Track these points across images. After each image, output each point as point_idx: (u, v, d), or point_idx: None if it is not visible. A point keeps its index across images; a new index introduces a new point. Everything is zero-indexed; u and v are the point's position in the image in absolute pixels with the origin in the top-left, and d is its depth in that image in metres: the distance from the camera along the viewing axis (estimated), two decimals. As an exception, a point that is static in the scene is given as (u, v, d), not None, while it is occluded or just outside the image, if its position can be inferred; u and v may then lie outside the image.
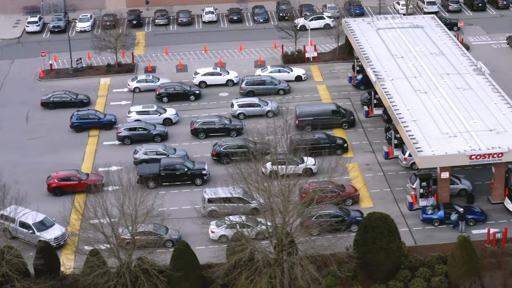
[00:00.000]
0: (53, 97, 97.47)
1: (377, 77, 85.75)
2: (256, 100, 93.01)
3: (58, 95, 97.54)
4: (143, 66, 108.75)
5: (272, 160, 71.83)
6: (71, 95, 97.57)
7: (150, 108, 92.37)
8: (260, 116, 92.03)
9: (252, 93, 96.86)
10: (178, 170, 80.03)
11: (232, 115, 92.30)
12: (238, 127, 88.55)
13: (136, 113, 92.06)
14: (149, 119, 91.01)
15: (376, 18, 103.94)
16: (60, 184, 79.72)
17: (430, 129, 74.72)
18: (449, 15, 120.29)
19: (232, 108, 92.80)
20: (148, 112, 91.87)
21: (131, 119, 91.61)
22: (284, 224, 60.19)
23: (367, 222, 63.67)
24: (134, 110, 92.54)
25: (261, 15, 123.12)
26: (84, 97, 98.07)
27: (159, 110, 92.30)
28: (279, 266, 59.32)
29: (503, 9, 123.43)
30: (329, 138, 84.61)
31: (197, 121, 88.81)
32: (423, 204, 73.82)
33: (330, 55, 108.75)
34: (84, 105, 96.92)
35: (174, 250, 63.12)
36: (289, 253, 59.65)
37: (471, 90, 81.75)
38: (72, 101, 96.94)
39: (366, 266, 63.93)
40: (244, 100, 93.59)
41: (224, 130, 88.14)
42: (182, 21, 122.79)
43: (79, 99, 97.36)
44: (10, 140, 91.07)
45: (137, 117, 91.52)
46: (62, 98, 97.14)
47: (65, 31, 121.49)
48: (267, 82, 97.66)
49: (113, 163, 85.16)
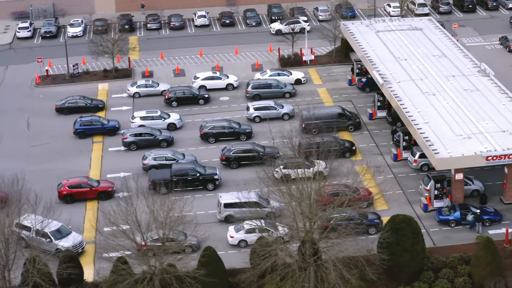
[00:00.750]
0: (68, 102, 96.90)
1: (383, 79, 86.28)
2: (272, 103, 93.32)
3: (73, 101, 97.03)
4: (140, 71, 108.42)
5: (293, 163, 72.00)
6: (86, 100, 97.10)
7: (154, 113, 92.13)
8: (276, 119, 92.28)
9: (258, 96, 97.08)
10: (189, 175, 79.91)
11: (248, 118, 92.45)
12: (247, 131, 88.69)
13: (140, 118, 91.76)
14: (153, 124, 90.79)
15: (374, 20, 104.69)
16: (71, 192, 79.23)
17: (443, 131, 75.43)
18: (439, 16, 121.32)
19: (248, 111, 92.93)
20: (152, 117, 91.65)
21: (135, 125, 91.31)
22: (312, 228, 60.39)
23: (391, 224, 64.10)
24: (138, 115, 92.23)
25: (253, 18, 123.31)
26: (99, 102, 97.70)
27: (163, 115, 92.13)
28: (310, 270, 59.48)
29: (492, 10, 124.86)
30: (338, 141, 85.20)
31: (207, 125, 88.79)
32: (438, 206, 74.43)
33: (326, 58, 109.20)
34: (99, 110, 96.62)
35: (202, 256, 62.96)
36: (319, 257, 59.88)
37: (478, 92, 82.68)
38: (87, 106, 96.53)
39: (390, 268, 64.26)
40: (260, 103, 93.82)
41: (234, 134, 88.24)
42: (174, 25, 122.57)
43: (94, 104, 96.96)
44: (13, 148, 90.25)
45: (141, 123, 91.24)
46: (77, 103, 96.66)
47: (56, 36, 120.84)
48: (273, 86, 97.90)
49: (121, 169, 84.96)
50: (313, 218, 60.45)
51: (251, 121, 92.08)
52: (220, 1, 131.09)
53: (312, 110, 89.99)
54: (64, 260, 64.16)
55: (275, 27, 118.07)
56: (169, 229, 61.23)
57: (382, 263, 61.60)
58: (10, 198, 74.91)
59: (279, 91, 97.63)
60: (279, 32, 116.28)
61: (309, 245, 60.21)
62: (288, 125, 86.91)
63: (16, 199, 64.14)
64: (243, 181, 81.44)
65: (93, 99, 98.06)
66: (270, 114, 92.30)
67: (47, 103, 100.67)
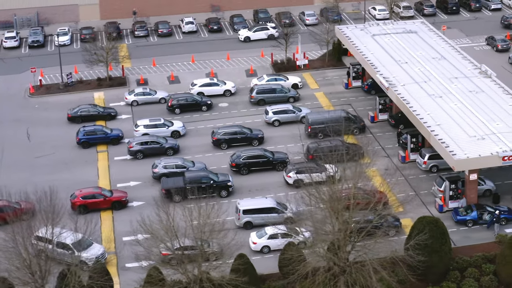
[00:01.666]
0: (80, 111, 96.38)
1: (388, 83, 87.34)
2: (290, 107, 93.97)
3: (85, 109, 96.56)
4: (135, 79, 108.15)
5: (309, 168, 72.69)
6: (98, 109, 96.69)
7: (158, 121, 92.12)
8: (294, 122, 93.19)
9: (263, 101, 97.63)
10: (203, 183, 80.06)
11: (267, 122, 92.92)
12: (259, 136, 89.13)
13: (143, 126, 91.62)
14: (157, 132, 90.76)
15: (368, 24, 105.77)
16: (85, 202, 78.86)
17: (456, 132, 76.65)
18: (424, 19, 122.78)
19: (266, 115, 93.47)
20: (156, 125, 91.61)
21: (139, 133, 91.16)
22: (347, 232, 61.13)
23: (419, 225, 65.00)
24: (142, 123, 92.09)
25: (241, 24, 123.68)
26: (112, 110, 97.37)
27: (167, 123, 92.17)
28: (348, 273, 60.20)
29: (475, 11, 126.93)
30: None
31: (219, 131, 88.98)
32: (453, 206, 75.60)
33: (319, 62, 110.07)
34: (112, 118, 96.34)
35: (238, 263, 63.10)
36: (357, 261, 60.67)
37: (483, 93, 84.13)
38: (100, 114, 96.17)
39: (418, 269, 65.06)
40: (279, 107, 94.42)
41: (246, 140, 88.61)
42: (162, 32, 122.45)
43: (106, 112, 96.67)
44: (17, 159, 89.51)
45: (145, 131, 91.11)
46: (90, 112, 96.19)
47: (44, 45, 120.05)
48: (277, 90, 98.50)
49: (129, 178, 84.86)
50: (350, 221, 61.11)
51: (270, 125, 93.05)
52: (204, 7, 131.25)
53: (315, 114, 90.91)
54: (95, 271, 63.92)
55: (243, 34, 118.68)
56: (207, 236, 61.40)
57: (418, 264, 62.42)
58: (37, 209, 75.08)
59: (283, 95, 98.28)
60: (247, 39, 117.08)
61: (346, 248, 60.84)
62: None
63: (47, 211, 63.61)
64: (254, 186, 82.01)
65: (105, 107, 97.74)
66: (289, 117, 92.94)
67: (44, 113, 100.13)
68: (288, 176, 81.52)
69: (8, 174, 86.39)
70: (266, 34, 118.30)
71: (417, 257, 61.96)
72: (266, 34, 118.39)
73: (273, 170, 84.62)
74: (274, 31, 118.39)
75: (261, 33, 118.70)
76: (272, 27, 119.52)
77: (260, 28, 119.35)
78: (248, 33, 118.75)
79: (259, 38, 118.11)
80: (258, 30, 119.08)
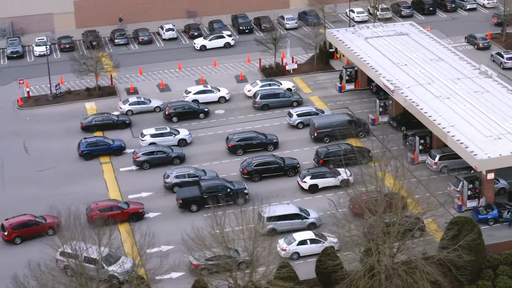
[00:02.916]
0: (95, 120, 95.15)
1: (393, 85, 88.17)
2: (314, 109, 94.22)
3: (99, 118, 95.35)
4: (124, 88, 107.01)
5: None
6: (112, 117, 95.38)
7: (164, 130, 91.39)
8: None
9: (267, 106, 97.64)
10: (220, 191, 79.73)
11: (291, 125, 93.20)
12: (274, 141, 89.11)
13: (150, 136, 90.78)
14: (164, 141, 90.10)
15: (358, 27, 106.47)
16: (102, 215, 77.65)
17: (471, 133, 77.83)
18: (402, 20, 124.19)
19: (291, 118, 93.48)
20: (162, 134, 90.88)
21: (146, 143, 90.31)
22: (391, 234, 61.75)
23: (455, 225, 65.81)
24: (148, 133, 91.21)
25: (222, 29, 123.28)
26: (126, 118, 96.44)
27: (173, 131, 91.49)
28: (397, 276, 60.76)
29: (451, 11, 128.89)
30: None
31: (234, 138, 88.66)
32: (472, 206, 76.74)
33: (308, 66, 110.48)
34: (126, 126, 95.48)
35: (284, 272, 63.09)
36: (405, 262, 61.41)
37: (488, 93, 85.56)
38: (115, 123, 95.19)
39: (453, 268, 65.78)
40: (302, 109, 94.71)
41: (262, 145, 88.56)
42: (143, 40, 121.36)
43: (121, 120, 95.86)
44: (19, 173, 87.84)
45: (151, 140, 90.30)
46: (104, 121, 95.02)
47: (23, 56, 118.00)
48: (281, 95, 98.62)
49: (140, 189, 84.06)
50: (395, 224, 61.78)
51: (294, 128, 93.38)
52: (180, 13, 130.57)
53: (321, 119, 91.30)
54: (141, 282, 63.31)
55: (199, 43, 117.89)
56: (257, 244, 61.38)
57: (465, 264, 63.25)
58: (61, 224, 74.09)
59: (287, 100, 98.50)
60: (203, 48, 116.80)
61: (391, 251, 61.37)
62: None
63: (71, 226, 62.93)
64: (269, 193, 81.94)
65: (119, 115, 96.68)
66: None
67: (37, 125, 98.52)
68: (303, 182, 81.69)
69: (13, 189, 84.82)
70: (222, 43, 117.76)
71: (466, 257, 62.69)
72: (222, 42, 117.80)
73: (285, 176, 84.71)
74: (230, 39, 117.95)
75: (217, 42, 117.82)
76: (228, 35, 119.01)
77: (216, 36, 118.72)
78: (204, 41, 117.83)
79: (215, 46, 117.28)
80: (214, 38, 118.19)
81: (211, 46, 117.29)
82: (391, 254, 61.93)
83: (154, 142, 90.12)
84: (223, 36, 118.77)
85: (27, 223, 75.77)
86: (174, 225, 77.13)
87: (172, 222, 78.10)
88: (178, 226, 75.61)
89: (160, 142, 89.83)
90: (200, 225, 68.31)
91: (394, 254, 62.30)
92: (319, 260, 66.71)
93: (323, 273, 65.89)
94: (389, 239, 61.93)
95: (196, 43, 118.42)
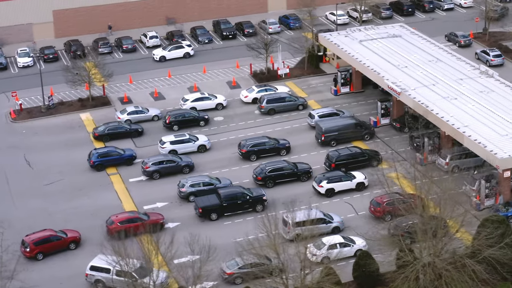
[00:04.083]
0: (108, 129, 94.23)
1: (399, 87, 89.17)
2: (334, 110, 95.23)
3: (112, 127, 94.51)
4: (117, 98, 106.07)
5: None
6: (125, 126, 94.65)
7: (183, 137, 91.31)
8: None
9: (273, 110, 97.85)
10: (240, 198, 79.75)
11: (312, 126, 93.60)
12: (287, 145, 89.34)
13: (170, 143, 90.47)
14: (184, 148, 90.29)
15: (350, 30, 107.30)
16: (124, 227, 76.97)
17: (486, 132, 79.19)
18: (382, 22, 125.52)
19: (312, 119, 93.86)
20: (182, 141, 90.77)
21: (166, 150, 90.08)
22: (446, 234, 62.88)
23: (488, 224, 66.86)
24: (168, 140, 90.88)
25: (205, 35, 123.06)
26: (139, 126, 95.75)
27: (192, 137, 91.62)
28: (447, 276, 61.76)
29: (429, 12, 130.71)
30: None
31: (247, 144, 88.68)
32: (489, 204, 78.12)
33: (299, 70, 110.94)
34: (139, 134, 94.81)
35: (325, 277, 63.61)
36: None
37: (494, 93, 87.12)
38: (128, 131, 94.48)
39: (489, 266, 66.70)
40: (324, 110, 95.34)
41: (274, 150, 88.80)
42: (127, 48, 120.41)
43: (133, 128, 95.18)
44: (26, 187, 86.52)
45: (171, 147, 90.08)
46: (117, 129, 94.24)
47: (6, 67, 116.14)
48: (287, 99, 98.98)
49: (154, 199, 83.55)
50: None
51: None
52: (159, 20, 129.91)
53: (328, 122, 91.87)
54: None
55: (158, 53, 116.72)
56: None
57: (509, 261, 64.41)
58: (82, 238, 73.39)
59: (293, 103, 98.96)
60: (163, 58, 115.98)
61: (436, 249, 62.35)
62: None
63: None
64: (286, 199, 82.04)
65: (131, 124, 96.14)
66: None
67: (34, 138, 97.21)
68: (320, 186, 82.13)
69: (23, 204, 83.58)
70: (182, 53, 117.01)
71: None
72: (181, 52, 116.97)
73: (298, 181, 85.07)
74: (189, 49, 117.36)
75: (176, 52, 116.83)
76: (187, 45, 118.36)
77: (175, 47, 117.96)
78: (163, 52, 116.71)
79: (175, 57, 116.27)
80: (173, 49, 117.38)
81: (170, 57, 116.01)
82: (437, 253, 62.72)
83: (174, 149, 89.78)
84: (182, 46, 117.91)
85: (49, 239, 74.78)
86: (196, 234, 76.69)
87: (193, 231, 77.60)
88: (201, 235, 75.16)
89: (180, 149, 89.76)
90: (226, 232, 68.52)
91: (439, 253, 63.06)
92: (356, 263, 67.29)
93: (361, 276, 66.45)
94: (434, 238, 62.76)
95: (155, 54, 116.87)
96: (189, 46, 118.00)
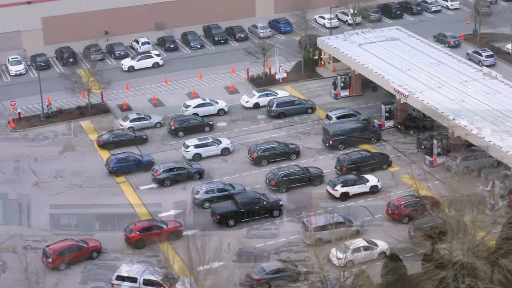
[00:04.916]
0: (113, 137, 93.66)
1: (406, 90, 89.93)
2: (351, 111, 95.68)
3: (117, 134, 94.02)
4: (116, 105, 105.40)
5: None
6: (130, 133, 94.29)
7: (207, 140, 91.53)
8: None
9: (283, 114, 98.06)
10: (257, 204, 79.84)
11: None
12: (297, 150, 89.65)
13: (194, 147, 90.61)
14: (208, 151, 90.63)
15: (348, 34, 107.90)
16: (143, 236, 76.66)
17: (500, 134, 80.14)
18: (372, 25, 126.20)
19: (329, 121, 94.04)
20: (206, 144, 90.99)
21: (190, 154, 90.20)
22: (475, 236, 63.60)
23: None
24: (192, 144, 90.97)
25: (197, 41, 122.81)
26: (143, 134, 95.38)
27: (215, 141, 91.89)
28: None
29: (417, 14, 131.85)
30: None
31: (257, 149, 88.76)
32: (504, 204, 79.10)
33: (296, 75, 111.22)
34: (144, 141, 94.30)
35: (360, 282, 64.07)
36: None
37: (500, 94, 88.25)
38: (132, 139, 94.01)
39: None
40: (341, 111, 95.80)
41: (285, 155, 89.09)
42: (120, 54, 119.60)
43: (138, 136, 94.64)
44: (36, 198, 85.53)
45: (196, 151, 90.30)
46: (122, 137, 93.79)
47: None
48: (296, 102, 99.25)
49: (168, 206, 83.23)
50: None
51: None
52: (148, 26, 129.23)
53: (335, 126, 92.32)
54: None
55: (126, 63, 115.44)
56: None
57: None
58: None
59: (302, 107, 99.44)
60: (131, 68, 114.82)
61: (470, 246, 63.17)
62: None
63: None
64: (301, 203, 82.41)
65: (135, 131, 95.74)
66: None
67: (36, 147, 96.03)
68: (334, 190, 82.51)
69: (34, 215, 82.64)
70: (151, 63, 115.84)
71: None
72: (151, 62, 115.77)
73: (310, 185, 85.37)
74: (158, 59, 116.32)
75: (145, 62, 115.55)
76: (156, 55, 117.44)
77: (144, 56, 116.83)
78: (132, 62, 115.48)
79: (143, 67, 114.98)
80: (142, 58, 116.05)
81: (139, 67, 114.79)
82: (472, 250, 63.46)
83: (199, 153, 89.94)
84: (151, 56, 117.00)
85: (71, 248, 74.21)
86: (215, 241, 76.56)
87: (212, 238, 77.44)
88: (221, 242, 75.12)
89: (204, 153, 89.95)
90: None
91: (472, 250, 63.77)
92: (385, 265, 67.80)
93: (391, 279, 66.99)
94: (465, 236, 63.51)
95: (123, 64, 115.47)
96: (158, 56, 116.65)
